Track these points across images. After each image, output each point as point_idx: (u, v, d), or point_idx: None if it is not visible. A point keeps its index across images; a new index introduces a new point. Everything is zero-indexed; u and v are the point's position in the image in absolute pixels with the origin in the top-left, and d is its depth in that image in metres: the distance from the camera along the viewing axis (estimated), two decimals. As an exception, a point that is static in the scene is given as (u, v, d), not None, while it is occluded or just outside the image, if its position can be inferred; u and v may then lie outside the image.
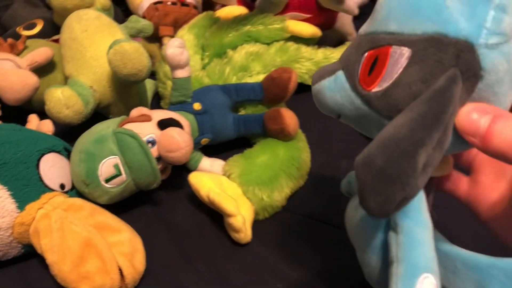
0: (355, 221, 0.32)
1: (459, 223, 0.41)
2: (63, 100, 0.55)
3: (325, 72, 0.28)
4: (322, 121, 0.67)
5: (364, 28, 0.27)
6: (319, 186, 0.57)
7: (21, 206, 0.44)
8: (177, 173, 0.57)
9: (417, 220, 0.25)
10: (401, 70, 0.23)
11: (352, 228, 0.33)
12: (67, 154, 0.51)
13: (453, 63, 0.22)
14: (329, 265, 0.47)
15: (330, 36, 0.80)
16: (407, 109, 0.22)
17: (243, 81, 0.64)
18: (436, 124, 0.21)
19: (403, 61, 0.23)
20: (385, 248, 0.28)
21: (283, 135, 0.57)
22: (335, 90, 0.27)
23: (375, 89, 0.24)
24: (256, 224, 0.51)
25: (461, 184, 0.32)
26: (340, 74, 0.27)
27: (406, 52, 0.23)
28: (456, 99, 0.22)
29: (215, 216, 0.51)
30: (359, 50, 0.26)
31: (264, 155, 0.55)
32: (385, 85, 0.24)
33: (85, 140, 0.49)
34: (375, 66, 0.24)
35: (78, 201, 0.47)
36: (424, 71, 0.23)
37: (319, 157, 0.60)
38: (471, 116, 0.22)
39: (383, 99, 0.24)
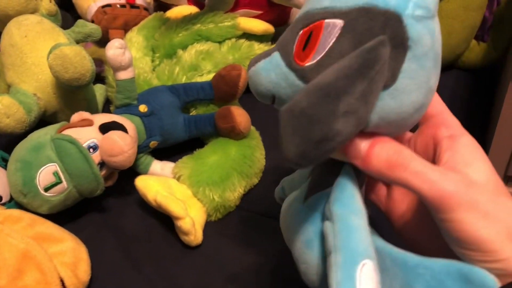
0: (288, 218, 0.31)
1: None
2: (3, 109, 0.53)
3: (261, 56, 0.28)
4: (277, 119, 0.67)
5: (300, 10, 0.27)
6: (274, 183, 0.56)
7: None
8: (127, 178, 0.55)
9: (352, 208, 0.25)
10: (333, 40, 0.24)
11: (286, 225, 0.32)
12: (5, 164, 0.49)
13: (381, 31, 0.23)
14: (281, 264, 0.46)
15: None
16: (335, 64, 0.23)
17: (193, 80, 0.63)
18: (359, 76, 0.22)
19: (336, 32, 0.24)
20: (322, 241, 0.27)
21: (235, 134, 0.55)
22: (270, 69, 0.27)
23: (309, 62, 0.25)
24: (208, 225, 0.50)
25: (381, 195, 0.33)
26: (276, 54, 0.27)
27: (339, 23, 0.24)
28: (383, 60, 0.22)
29: (165, 220, 0.50)
30: (294, 29, 0.26)
31: (215, 155, 0.54)
32: (318, 57, 0.24)
33: (21, 148, 0.47)
34: (309, 41, 0.25)
35: (15, 212, 0.45)
36: (355, 39, 0.23)
37: (274, 155, 0.59)
38: (354, 140, 0.25)
39: (317, 71, 0.24)
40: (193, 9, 0.74)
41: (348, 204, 0.25)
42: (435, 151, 0.27)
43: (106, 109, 0.70)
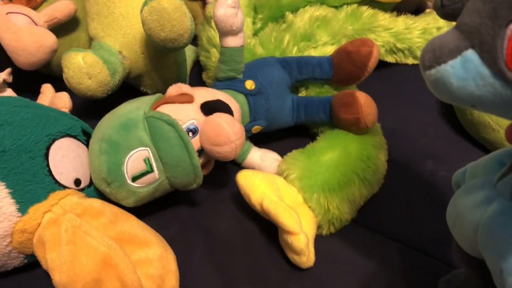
0: (490, 223, 0.26)
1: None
2: (85, 68, 0.45)
3: (443, 51, 0.21)
4: (400, 108, 0.55)
5: None
6: (400, 194, 0.46)
7: (22, 208, 0.35)
8: (220, 166, 0.46)
9: None
10: None
11: (475, 227, 0.27)
12: (86, 139, 0.41)
13: None
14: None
15: (408, 2, 0.66)
16: None
17: (306, 53, 0.52)
18: None
19: None
20: None
21: (357, 128, 0.45)
22: (467, 78, 0.20)
23: None
24: (319, 241, 0.41)
25: None
26: (470, 54, 0.20)
27: None
28: None
29: (267, 226, 0.41)
30: (497, 19, 0.19)
31: (331, 153, 0.44)
32: None
33: (108, 124, 0.38)
34: None
35: (96, 203, 0.37)
36: None
37: (397, 156, 0.49)
38: None
39: None
40: (306, -36, 0.62)
41: None
42: None
43: (194, 75, 0.61)
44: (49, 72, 0.57)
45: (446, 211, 0.30)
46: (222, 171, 0.46)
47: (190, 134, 0.38)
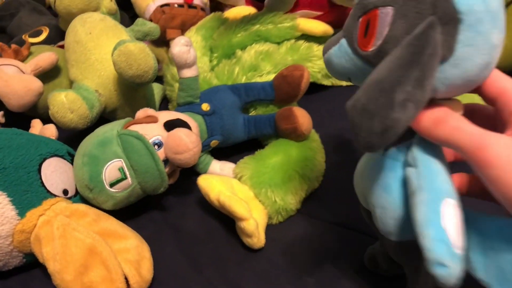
0: (366, 170, 0.33)
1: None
2: (67, 104, 0.54)
3: (331, 42, 0.31)
4: (337, 121, 0.65)
5: None
6: (336, 188, 0.54)
7: (21, 212, 0.42)
8: (186, 177, 0.55)
9: (433, 155, 0.27)
10: (388, 27, 0.26)
11: (361, 177, 0.34)
12: (71, 158, 0.49)
13: (430, 12, 0.24)
14: (350, 273, 0.44)
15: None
16: (388, 55, 0.25)
17: (253, 81, 0.62)
18: (411, 64, 0.23)
19: (389, 19, 0.26)
20: (401, 187, 0.30)
21: (296, 135, 0.54)
22: (340, 55, 0.30)
23: (371, 48, 0.27)
24: (270, 229, 0.49)
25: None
26: (343, 40, 0.29)
27: (390, 10, 0.26)
28: (435, 42, 0.24)
29: (226, 221, 0.48)
30: (355, 17, 0.28)
31: (276, 156, 0.52)
32: (378, 43, 0.26)
33: (88, 142, 0.47)
34: (368, 29, 0.27)
35: (81, 206, 0.44)
36: (407, 24, 0.25)
37: (335, 158, 0.57)
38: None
39: (378, 55, 0.26)
40: (251, 10, 0.74)
41: (430, 152, 0.27)
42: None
43: (162, 108, 0.70)
44: (36, 114, 0.65)
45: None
46: (188, 180, 0.55)
47: (156, 147, 0.47)
